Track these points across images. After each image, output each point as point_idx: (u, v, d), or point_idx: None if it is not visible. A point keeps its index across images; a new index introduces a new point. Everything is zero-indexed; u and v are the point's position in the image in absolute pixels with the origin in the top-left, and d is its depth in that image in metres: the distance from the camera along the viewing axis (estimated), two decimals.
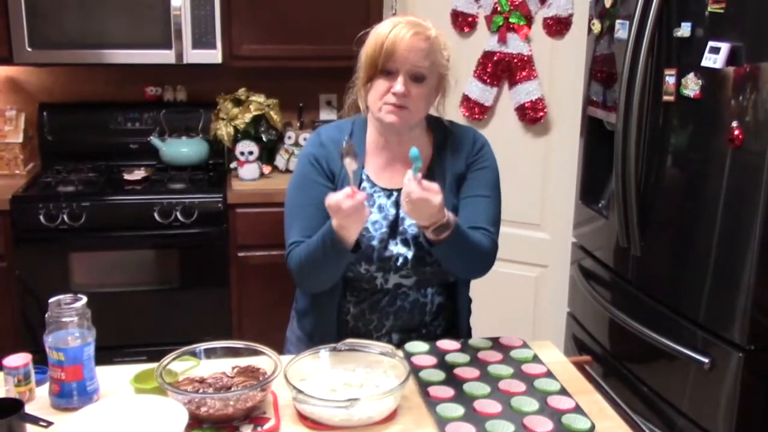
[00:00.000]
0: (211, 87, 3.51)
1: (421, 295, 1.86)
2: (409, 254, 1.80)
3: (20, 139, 3.36)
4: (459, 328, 1.94)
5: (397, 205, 1.82)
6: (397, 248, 1.80)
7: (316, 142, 1.86)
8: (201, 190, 3.21)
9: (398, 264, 1.80)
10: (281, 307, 2.09)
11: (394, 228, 1.82)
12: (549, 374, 1.70)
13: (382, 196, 1.83)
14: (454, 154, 1.87)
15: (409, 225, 1.81)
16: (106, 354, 1.71)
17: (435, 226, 1.63)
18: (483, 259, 1.79)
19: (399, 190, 1.81)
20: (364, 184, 1.84)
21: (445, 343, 1.82)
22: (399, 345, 1.80)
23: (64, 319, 1.52)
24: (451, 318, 1.94)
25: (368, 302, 1.84)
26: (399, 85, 1.70)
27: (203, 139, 3.50)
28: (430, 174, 1.83)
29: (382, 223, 1.81)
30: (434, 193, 1.59)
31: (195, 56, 3.21)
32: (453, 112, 2.91)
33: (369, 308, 1.85)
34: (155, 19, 3.17)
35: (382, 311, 1.85)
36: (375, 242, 1.79)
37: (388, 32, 1.69)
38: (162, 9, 3.15)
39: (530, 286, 3.16)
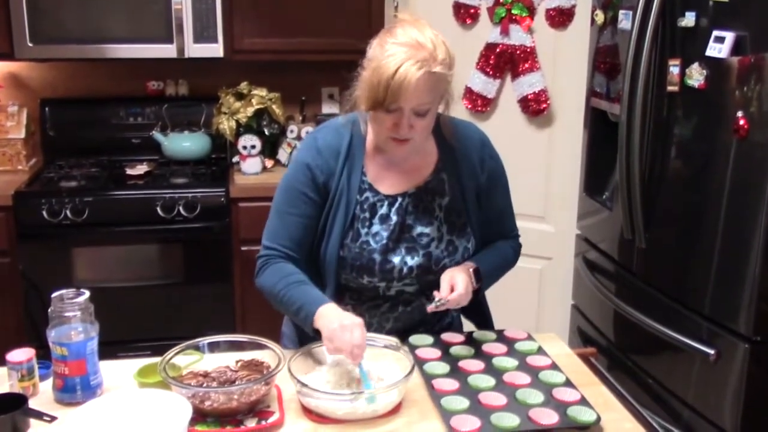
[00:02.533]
0: (212, 81, 3.50)
1: (425, 298, 1.82)
2: (414, 263, 1.77)
3: (22, 135, 3.36)
4: (482, 315, 1.94)
5: (400, 212, 1.78)
6: (399, 258, 1.76)
7: (313, 149, 1.78)
8: (203, 184, 3.21)
9: (402, 273, 1.77)
10: None
11: (398, 236, 1.77)
12: (554, 366, 1.69)
13: (384, 204, 1.78)
14: (464, 160, 1.82)
15: (419, 234, 1.78)
16: (110, 348, 1.71)
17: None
18: (510, 267, 1.94)
19: (403, 195, 1.78)
20: (367, 193, 1.78)
21: (449, 336, 1.81)
22: (401, 339, 1.79)
23: (67, 314, 1.52)
24: (454, 315, 1.93)
25: (368, 306, 1.82)
26: (403, 129, 1.65)
27: (205, 133, 3.50)
28: (437, 175, 1.81)
29: (383, 234, 1.76)
30: (462, 293, 1.69)
31: (196, 50, 3.21)
32: (456, 105, 2.90)
33: (368, 312, 1.81)
34: (156, 13, 3.16)
35: (383, 315, 1.82)
36: (376, 255, 1.75)
37: (393, 71, 1.57)
38: (163, 3, 3.14)
39: (534, 278, 3.15)
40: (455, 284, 1.69)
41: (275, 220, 1.80)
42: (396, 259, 1.76)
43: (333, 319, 1.59)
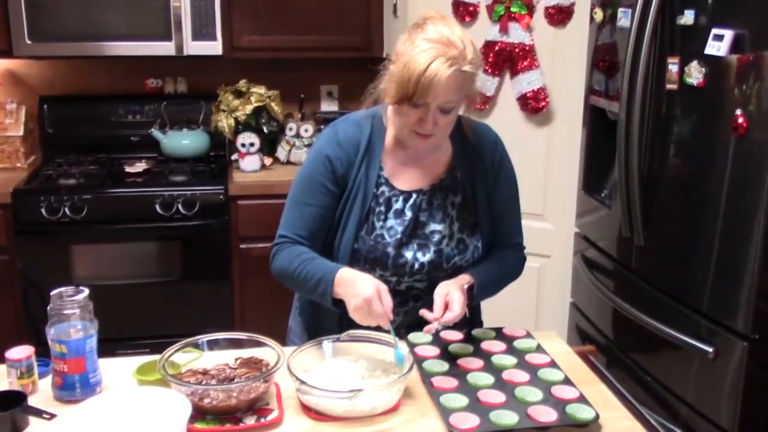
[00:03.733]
0: (211, 79, 3.50)
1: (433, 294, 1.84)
2: (425, 259, 1.78)
3: (21, 132, 3.36)
4: (471, 321, 1.93)
5: (414, 208, 1.79)
6: (412, 253, 1.78)
7: (333, 141, 1.79)
8: (202, 182, 3.20)
9: (413, 269, 1.78)
10: (284, 298, 2.08)
11: (412, 232, 1.79)
12: (553, 364, 1.69)
13: (399, 199, 1.79)
14: (478, 159, 1.84)
15: (432, 231, 1.79)
16: (109, 346, 1.71)
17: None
18: (512, 278, 1.93)
19: (418, 192, 1.80)
20: (383, 188, 1.79)
21: (448, 334, 1.81)
22: (403, 336, 1.79)
23: (66, 312, 1.52)
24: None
25: None
26: (428, 124, 1.66)
27: (204, 131, 3.50)
28: (452, 174, 1.82)
29: (398, 229, 1.78)
30: (457, 308, 1.67)
31: (195, 48, 3.21)
32: None
33: None
34: (155, 10, 3.16)
35: (393, 310, 1.81)
36: (390, 249, 1.77)
37: (425, 68, 1.58)
38: (162, 0, 3.14)
39: (533, 276, 3.15)
40: (451, 303, 1.67)
41: (292, 211, 1.81)
42: (408, 255, 1.78)
43: (349, 293, 1.63)
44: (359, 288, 1.62)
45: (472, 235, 1.82)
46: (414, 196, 1.79)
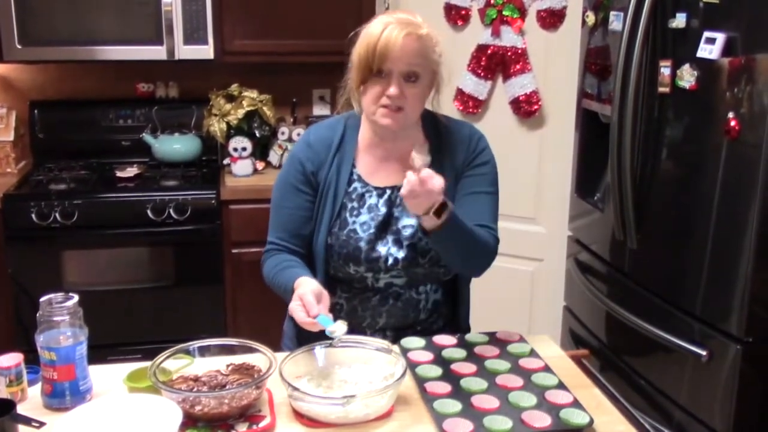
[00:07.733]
0: (203, 83, 3.48)
1: (415, 293, 1.84)
2: (400, 255, 1.79)
3: (11, 138, 3.34)
4: (458, 326, 1.93)
5: (388, 203, 1.81)
6: (386, 248, 1.79)
7: (304, 143, 1.86)
8: (194, 186, 3.19)
9: (388, 264, 1.79)
10: (276, 303, 2.06)
11: (385, 227, 1.80)
12: (546, 368, 1.69)
13: (373, 195, 1.82)
14: (451, 154, 1.85)
15: (404, 226, 1.80)
16: (100, 352, 1.71)
17: (434, 208, 1.59)
18: (483, 252, 1.76)
19: (392, 188, 1.82)
20: (356, 184, 1.82)
21: (441, 339, 1.81)
22: (394, 341, 1.79)
23: (55, 318, 1.51)
24: (449, 315, 1.93)
25: (359, 299, 1.83)
26: (393, 88, 1.69)
27: (196, 135, 3.49)
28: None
29: (371, 224, 1.80)
30: (435, 179, 1.56)
31: (187, 52, 3.20)
32: (447, 106, 2.90)
33: (360, 305, 1.84)
34: (146, 14, 3.15)
35: (374, 309, 1.83)
36: (362, 243, 1.79)
37: (379, 33, 1.67)
38: (153, 4, 3.13)
39: (526, 280, 3.15)
40: (433, 176, 1.56)
41: (273, 215, 1.88)
42: (382, 250, 1.79)
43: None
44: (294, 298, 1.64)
45: None
46: (388, 192, 1.82)
